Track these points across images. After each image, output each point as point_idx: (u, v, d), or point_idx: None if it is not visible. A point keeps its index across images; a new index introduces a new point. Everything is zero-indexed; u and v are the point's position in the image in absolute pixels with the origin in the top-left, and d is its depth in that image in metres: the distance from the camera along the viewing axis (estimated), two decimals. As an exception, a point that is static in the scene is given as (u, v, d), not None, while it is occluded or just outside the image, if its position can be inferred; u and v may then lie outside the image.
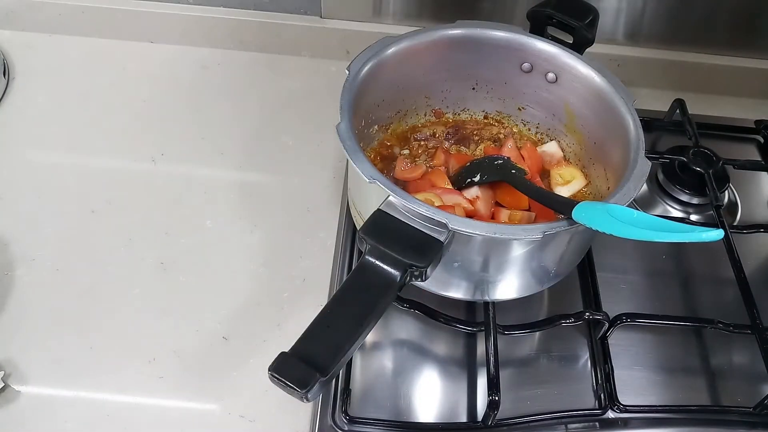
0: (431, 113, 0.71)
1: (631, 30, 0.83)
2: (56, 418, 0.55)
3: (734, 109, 0.86)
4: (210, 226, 0.69)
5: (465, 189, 0.63)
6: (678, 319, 0.64)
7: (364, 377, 0.59)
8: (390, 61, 0.62)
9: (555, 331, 0.61)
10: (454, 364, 0.61)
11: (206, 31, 0.85)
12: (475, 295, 0.58)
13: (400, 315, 0.62)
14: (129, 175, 0.72)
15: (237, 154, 0.75)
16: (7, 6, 0.83)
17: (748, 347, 0.62)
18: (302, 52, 0.86)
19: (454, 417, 0.57)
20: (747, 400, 0.59)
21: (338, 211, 0.70)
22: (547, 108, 0.68)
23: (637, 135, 0.57)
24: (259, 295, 0.64)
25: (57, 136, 0.75)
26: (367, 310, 0.46)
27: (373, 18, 0.84)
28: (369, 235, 0.48)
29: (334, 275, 0.65)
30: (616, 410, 0.58)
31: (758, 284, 0.65)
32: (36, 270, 0.64)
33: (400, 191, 0.50)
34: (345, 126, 0.54)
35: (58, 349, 0.59)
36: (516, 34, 0.64)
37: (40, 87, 0.80)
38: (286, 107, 0.81)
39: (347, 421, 0.55)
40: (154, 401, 0.57)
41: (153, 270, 0.65)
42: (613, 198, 0.52)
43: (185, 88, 0.81)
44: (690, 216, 0.73)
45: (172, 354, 0.59)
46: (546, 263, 0.57)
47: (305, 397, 0.42)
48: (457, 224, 0.48)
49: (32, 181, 0.71)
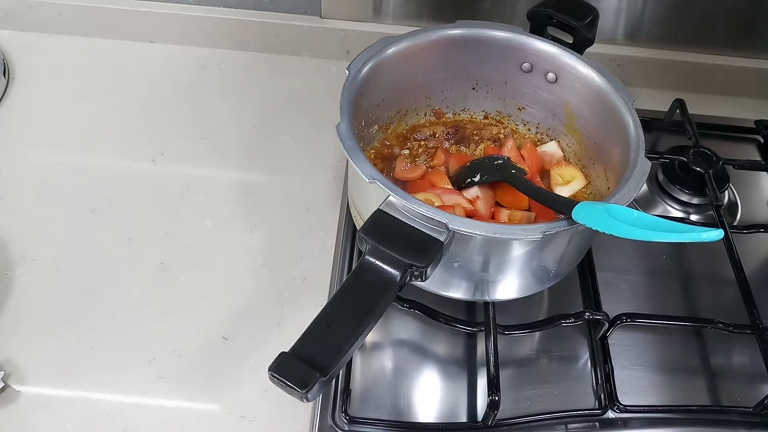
0: (431, 113, 0.71)
1: (631, 30, 0.83)
2: (56, 418, 0.55)
3: (734, 109, 0.86)
4: (210, 226, 0.69)
5: (465, 189, 0.63)
6: (678, 319, 0.64)
7: (364, 377, 0.59)
8: (390, 61, 0.62)
9: (555, 331, 0.61)
10: (454, 364, 0.61)
11: (206, 31, 0.85)
12: (475, 295, 0.58)
13: (400, 315, 0.62)
14: (129, 175, 0.72)
15: (237, 154, 0.75)
16: (7, 6, 0.83)
17: (748, 347, 0.61)
18: (302, 52, 0.86)
19: (454, 417, 0.57)
20: (747, 400, 0.59)
21: (338, 211, 0.70)
22: (547, 108, 0.68)
23: (637, 135, 0.57)
24: (259, 295, 0.64)
25: (57, 136, 0.75)
26: (367, 310, 0.46)
27: (373, 18, 0.84)
28: (369, 235, 0.48)
29: (334, 275, 0.65)
30: (616, 410, 0.58)
31: (758, 284, 0.65)
32: (36, 270, 0.64)
33: (400, 191, 0.50)
34: (345, 126, 0.54)
35: (58, 349, 0.59)
36: (516, 34, 0.64)
37: (40, 87, 0.80)
38: (286, 107, 0.81)
39: (347, 421, 0.55)
40: (154, 401, 0.57)
41: (153, 270, 0.65)
42: (613, 198, 0.52)
43: (185, 88, 0.81)
44: (690, 216, 0.73)
45: (172, 354, 0.59)
46: (546, 263, 0.57)
47: (305, 397, 0.42)
48: (457, 224, 0.48)
49: (32, 181, 0.71)
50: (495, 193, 0.63)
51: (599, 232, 0.47)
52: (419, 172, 0.64)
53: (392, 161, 0.67)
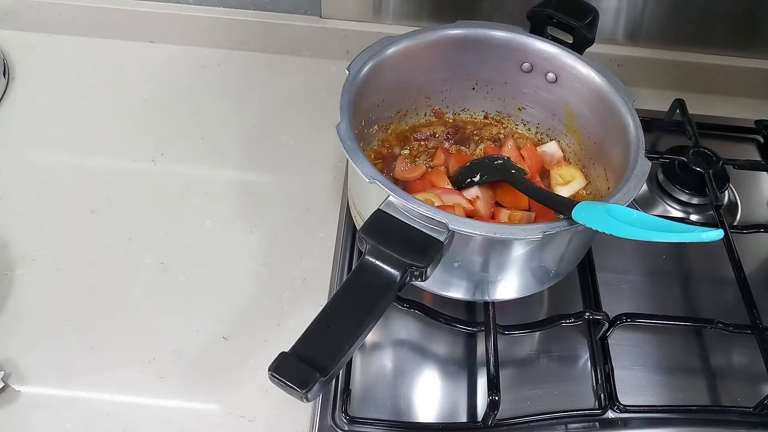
0: (431, 113, 0.71)
1: (631, 30, 0.83)
2: (56, 418, 0.55)
3: (734, 109, 0.86)
4: (210, 226, 0.69)
5: (465, 189, 0.63)
6: (678, 319, 0.64)
7: (364, 377, 0.59)
8: (390, 61, 0.62)
9: (555, 331, 0.61)
10: (454, 364, 0.61)
11: (206, 31, 0.85)
12: (475, 295, 0.58)
13: (400, 315, 0.62)
14: (129, 175, 0.72)
15: (237, 154, 0.75)
16: (7, 6, 0.83)
17: (748, 347, 0.61)
18: (302, 52, 0.86)
19: (454, 417, 0.57)
20: (747, 400, 0.59)
21: (338, 211, 0.70)
22: (547, 108, 0.68)
23: (637, 135, 0.57)
24: (259, 295, 0.64)
25: (57, 136, 0.75)
26: (367, 310, 0.46)
27: (373, 18, 0.84)
28: (369, 235, 0.48)
29: (334, 275, 0.65)
30: (616, 410, 0.58)
31: (758, 284, 0.65)
32: (36, 270, 0.64)
33: (400, 191, 0.50)
34: (345, 126, 0.54)
35: (58, 349, 0.59)
36: (516, 34, 0.64)
37: (40, 87, 0.80)
38: (286, 107, 0.81)
39: (347, 421, 0.55)
40: (154, 401, 0.57)
41: (153, 270, 0.65)
42: (613, 198, 0.52)
43: (185, 88, 0.81)
44: (690, 216, 0.73)
45: (172, 354, 0.59)
46: (546, 263, 0.57)
47: (305, 397, 0.42)
48: (457, 224, 0.48)
49: (32, 181, 0.71)
50: (495, 193, 0.63)
51: (599, 232, 0.47)
52: (419, 172, 0.64)
53: (392, 161, 0.67)
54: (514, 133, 0.71)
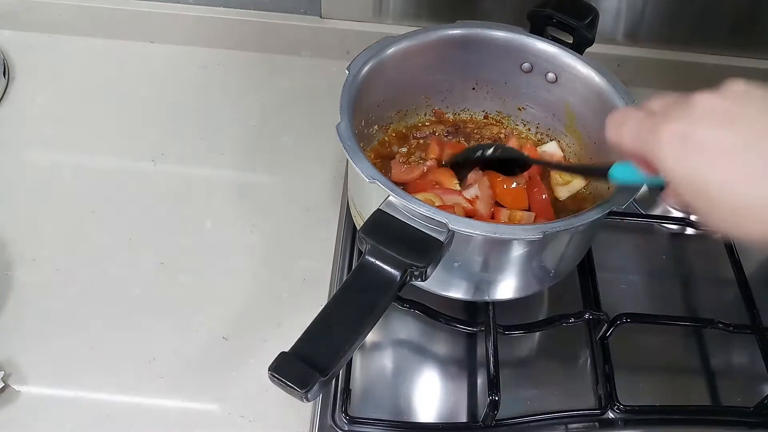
0: (431, 113, 0.71)
1: (631, 30, 0.83)
2: (56, 418, 0.55)
3: (734, 109, 0.85)
4: (210, 226, 0.69)
5: (465, 189, 0.63)
6: (678, 319, 0.64)
7: (364, 377, 0.59)
8: (390, 61, 0.62)
9: (555, 331, 0.61)
10: (454, 364, 0.61)
11: (206, 31, 0.85)
12: (475, 295, 0.58)
13: (400, 315, 0.62)
14: (129, 175, 0.72)
15: (237, 154, 0.75)
16: (7, 6, 0.83)
17: (748, 347, 0.62)
18: (302, 52, 0.86)
19: (454, 417, 0.57)
20: (747, 400, 0.59)
21: (338, 211, 0.70)
22: (547, 108, 0.68)
23: (637, 135, 0.57)
24: (259, 295, 0.64)
25: (57, 136, 0.75)
26: (367, 310, 0.46)
27: (373, 18, 0.84)
28: (369, 235, 0.48)
29: (334, 275, 0.65)
30: (616, 410, 0.58)
31: (758, 284, 0.65)
32: (36, 270, 0.64)
33: (400, 191, 0.50)
34: (345, 126, 0.54)
35: (58, 349, 0.59)
36: (516, 34, 0.64)
37: (40, 87, 0.80)
38: (286, 107, 0.81)
39: (347, 421, 0.55)
40: (154, 401, 0.57)
41: (153, 270, 0.65)
42: (614, 198, 0.52)
43: (185, 88, 0.81)
44: (690, 216, 0.72)
45: (172, 354, 0.59)
46: (546, 263, 0.57)
47: (305, 397, 0.42)
48: (457, 224, 0.48)
49: (32, 181, 0.71)
50: (495, 193, 0.63)
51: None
52: (417, 172, 0.64)
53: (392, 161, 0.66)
54: (514, 133, 0.70)
